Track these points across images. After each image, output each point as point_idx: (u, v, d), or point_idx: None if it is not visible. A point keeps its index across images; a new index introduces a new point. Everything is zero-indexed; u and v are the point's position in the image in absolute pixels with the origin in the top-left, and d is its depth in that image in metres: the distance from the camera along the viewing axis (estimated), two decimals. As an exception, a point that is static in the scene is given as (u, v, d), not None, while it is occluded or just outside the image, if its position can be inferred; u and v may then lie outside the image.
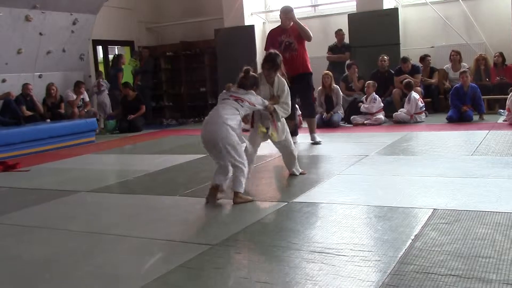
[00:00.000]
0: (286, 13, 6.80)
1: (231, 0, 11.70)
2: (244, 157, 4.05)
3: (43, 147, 8.23)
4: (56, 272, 2.86)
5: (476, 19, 10.05)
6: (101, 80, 11.36)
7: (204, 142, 4.06)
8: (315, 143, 6.83)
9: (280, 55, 4.66)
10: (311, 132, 7.01)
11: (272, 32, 6.99)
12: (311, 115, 7.11)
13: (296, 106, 7.39)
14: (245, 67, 4.27)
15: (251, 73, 4.26)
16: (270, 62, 4.55)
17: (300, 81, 6.73)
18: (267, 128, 4.47)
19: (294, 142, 6.94)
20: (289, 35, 6.74)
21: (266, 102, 4.35)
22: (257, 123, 4.54)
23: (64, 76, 10.65)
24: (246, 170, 4.03)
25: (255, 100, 4.23)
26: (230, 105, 4.08)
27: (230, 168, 4.07)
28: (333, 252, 2.79)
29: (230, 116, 3.99)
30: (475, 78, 9.31)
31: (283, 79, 4.65)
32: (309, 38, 6.82)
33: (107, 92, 11.44)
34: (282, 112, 4.49)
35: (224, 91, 4.30)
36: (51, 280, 2.75)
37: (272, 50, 4.71)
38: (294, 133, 7.00)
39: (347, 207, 3.68)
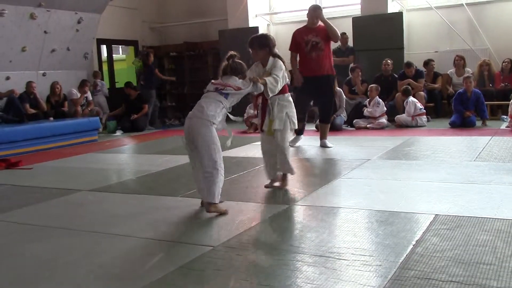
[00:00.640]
0: (315, 10, 6.66)
1: (235, 1, 11.73)
2: (220, 163, 3.71)
3: (46, 145, 8.25)
4: (56, 270, 2.87)
5: (480, 24, 10.05)
6: (97, 80, 11.37)
7: (186, 136, 3.84)
8: (324, 147, 6.72)
9: (268, 35, 4.54)
10: (323, 137, 6.85)
11: (298, 32, 6.76)
12: (327, 121, 6.93)
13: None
14: (229, 53, 4.05)
15: (236, 59, 4.00)
16: (250, 42, 4.42)
17: (326, 83, 6.64)
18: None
19: (329, 146, 6.71)
20: (316, 34, 6.57)
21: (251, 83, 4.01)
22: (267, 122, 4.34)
23: (67, 74, 10.69)
24: (221, 177, 3.71)
25: (238, 83, 3.92)
26: (213, 98, 3.81)
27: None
28: (334, 256, 2.79)
29: (214, 113, 3.74)
30: (478, 83, 9.31)
31: (281, 61, 4.32)
32: (337, 38, 6.75)
33: (104, 93, 11.44)
34: (271, 83, 4.11)
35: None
36: (52, 278, 2.76)
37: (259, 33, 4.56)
38: (300, 132, 6.92)
39: (348, 211, 3.68)
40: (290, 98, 4.44)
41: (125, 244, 3.26)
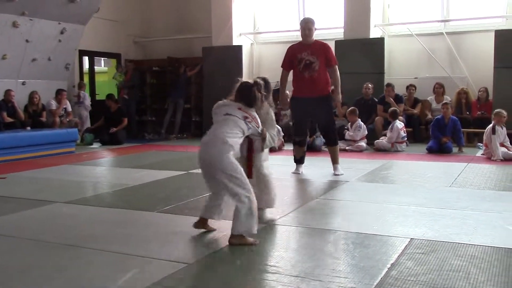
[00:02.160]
0: (306, 22, 6.11)
1: (220, 19, 11.80)
2: (249, 187, 3.40)
3: (22, 155, 8.11)
4: (27, 283, 2.80)
5: (459, 53, 10.28)
6: (81, 92, 11.31)
7: (202, 165, 3.51)
8: (336, 175, 6.13)
9: (254, 85, 3.64)
10: (334, 162, 6.26)
11: (291, 48, 6.21)
12: (334, 143, 6.31)
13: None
14: (257, 79, 3.68)
15: (259, 90, 3.59)
16: (243, 99, 3.61)
17: (320, 105, 6.07)
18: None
19: (298, 173, 6.29)
20: (310, 52, 6.00)
21: (261, 126, 3.73)
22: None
23: (47, 84, 10.55)
24: (252, 205, 3.37)
25: (258, 120, 3.62)
26: (236, 124, 3.47)
27: (225, 199, 3.60)
28: (309, 277, 2.78)
29: (233, 139, 3.41)
30: (456, 111, 9.49)
31: (267, 105, 4.05)
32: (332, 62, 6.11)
33: (86, 106, 11.36)
34: (270, 142, 3.96)
35: (224, 101, 3.62)
36: (22, 292, 2.70)
37: (244, 82, 3.70)
38: (300, 161, 6.38)
39: (325, 232, 3.69)
40: None
41: (98, 258, 3.21)
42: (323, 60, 6.05)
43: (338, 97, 6.26)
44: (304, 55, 6.05)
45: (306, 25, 6.10)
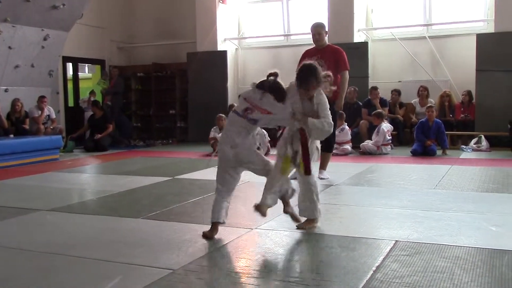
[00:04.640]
0: (315, 27, 6.13)
1: (205, 25, 11.81)
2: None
3: (5, 163, 8.00)
4: (9, 292, 2.77)
5: (442, 57, 10.40)
6: (92, 97, 11.36)
7: (234, 162, 3.65)
8: (322, 178, 6.08)
9: (318, 66, 3.82)
10: (322, 167, 6.23)
11: (306, 52, 6.20)
12: (329, 150, 6.25)
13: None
14: (273, 71, 3.63)
15: (278, 80, 3.58)
16: (302, 80, 3.70)
17: None
18: (294, 156, 3.64)
19: (324, 178, 6.13)
20: (320, 56, 5.81)
21: (291, 110, 3.59)
22: (282, 150, 3.71)
23: (31, 91, 10.45)
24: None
25: (271, 106, 3.53)
26: (239, 125, 3.61)
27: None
28: (295, 281, 2.78)
29: (252, 142, 3.70)
30: (439, 114, 9.58)
31: (324, 95, 3.83)
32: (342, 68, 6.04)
33: None
34: (316, 127, 3.65)
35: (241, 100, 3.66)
36: (4, 301, 2.66)
37: (306, 62, 3.87)
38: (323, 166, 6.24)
39: (310, 236, 3.69)
40: None
41: (82, 266, 3.17)
42: (331, 65, 5.84)
43: (338, 103, 6.13)
44: (314, 59, 5.98)
45: (316, 30, 6.13)
